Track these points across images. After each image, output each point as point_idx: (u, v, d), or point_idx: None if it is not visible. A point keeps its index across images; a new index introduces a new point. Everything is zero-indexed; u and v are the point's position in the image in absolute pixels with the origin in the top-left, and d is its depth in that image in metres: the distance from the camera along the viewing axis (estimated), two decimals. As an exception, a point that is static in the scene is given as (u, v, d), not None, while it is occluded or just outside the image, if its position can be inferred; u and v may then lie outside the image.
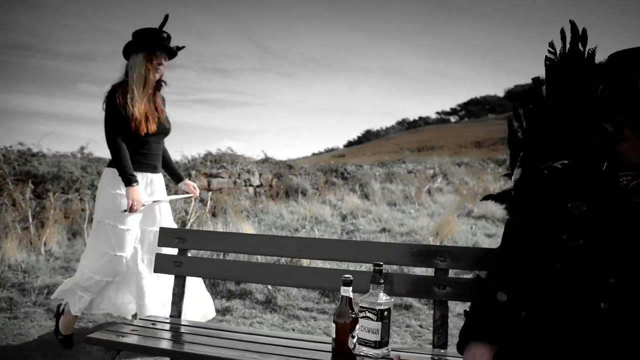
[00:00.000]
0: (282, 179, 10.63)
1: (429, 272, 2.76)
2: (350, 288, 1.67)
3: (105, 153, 10.55)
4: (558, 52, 1.75)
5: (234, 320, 3.58)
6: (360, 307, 1.76)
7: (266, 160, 11.76)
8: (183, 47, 2.99)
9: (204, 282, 2.94)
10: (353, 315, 1.65)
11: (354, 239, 6.43)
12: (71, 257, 5.27)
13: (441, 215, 7.86)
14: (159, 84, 2.97)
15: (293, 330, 3.40)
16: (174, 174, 3.30)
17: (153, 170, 3.01)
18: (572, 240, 1.35)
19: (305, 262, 4.14)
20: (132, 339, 1.90)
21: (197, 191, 3.30)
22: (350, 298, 1.67)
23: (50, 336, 3.22)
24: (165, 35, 2.90)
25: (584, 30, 1.71)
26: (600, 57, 1.66)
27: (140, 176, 2.89)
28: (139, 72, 2.83)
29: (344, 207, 9.02)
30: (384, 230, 6.92)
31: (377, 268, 1.78)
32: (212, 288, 4.09)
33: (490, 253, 1.94)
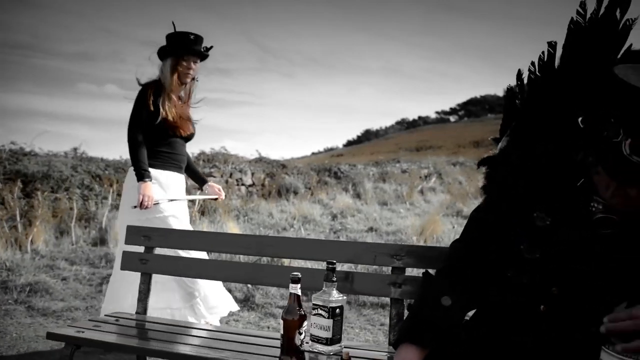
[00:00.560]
0: (274, 179, 10.67)
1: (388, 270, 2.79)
2: (299, 285, 1.69)
3: (98, 153, 10.60)
4: (588, 16, 1.41)
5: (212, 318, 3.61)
6: (313, 304, 1.79)
7: (260, 160, 11.81)
8: (211, 47, 3.02)
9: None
10: (301, 313, 1.68)
11: (333, 239, 6.47)
12: (57, 255, 5.31)
13: (431, 214, 7.90)
14: (191, 84, 3.03)
15: (268, 328, 3.44)
16: (198, 177, 3.29)
17: (177, 170, 3.03)
18: (529, 251, 1.31)
19: (287, 262, 4.18)
20: (91, 335, 1.94)
21: (223, 194, 3.28)
22: (298, 295, 1.69)
23: (28, 333, 3.26)
24: (192, 37, 2.92)
25: None
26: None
27: (162, 174, 2.92)
28: (169, 77, 2.89)
29: (335, 206, 9.06)
30: (371, 229, 6.96)
31: (330, 266, 1.81)
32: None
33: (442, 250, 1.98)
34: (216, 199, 3.25)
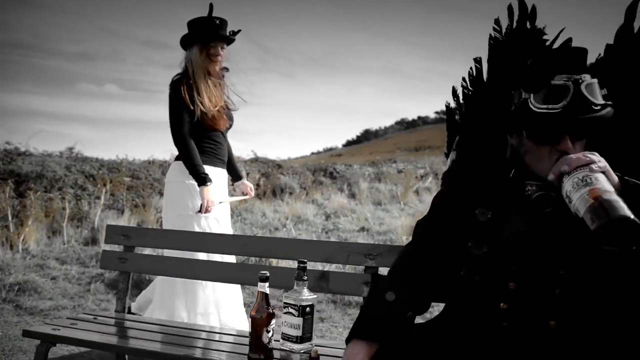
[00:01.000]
0: (269, 178, 10.69)
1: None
2: (267, 284, 1.72)
3: (95, 153, 10.62)
4: (504, 31, 1.60)
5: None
6: (284, 303, 1.82)
7: (256, 160, 11.83)
8: (239, 30, 2.86)
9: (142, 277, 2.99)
10: (269, 311, 1.71)
11: (324, 239, 6.50)
12: (48, 255, 5.33)
13: (423, 214, 7.90)
14: (221, 73, 2.87)
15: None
16: (235, 171, 3.13)
17: (222, 165, 2.91)
18: (476, 247, 1.36)
19: (275, 261, 4.20)
20: (67, 332, 1.96)
21: (253, 192, 3.20)
22: (266, 294, 1.72)
23: (14, 332, 3.29)
24: (217, 22, 2.75)
25: (534, 7, 1.57)
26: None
27: (211, 171, 2.77)
28: (198, 66, 2.73)
29: (330, 206, 9.08)
30: (362, 229, 6.99)
31: (301, 265, 1.83)
32: (180, 285, 4.16)
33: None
34: (247, 198, 3.16)
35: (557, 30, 1.50)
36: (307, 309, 1.80)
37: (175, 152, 2.87)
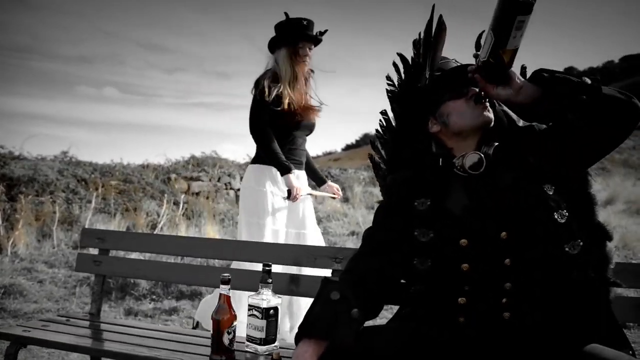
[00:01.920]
0: (263, 183, 10.72)
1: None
2: (228, 286, 1.75)
3: (88, 156, 10.66)
4: (396, 83, 1.75)
5: (179, 320, 3.68)
6: (249, 305, 1.85)
7: (251, 164, 11.86)
8: (326, 31, 2.86)
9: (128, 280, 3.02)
10: (230, 313, 1.74)
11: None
12: (37, 258, 5.37)
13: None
14: (308, 74, 2.86)
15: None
16: (317, 176, 3.13)
17: (299, 166, 2.91)
18: (423, 235, 1.43)
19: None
20: (37, 334, 1.99)
21: (340, 193, 3.19)
22: (228, 296, 1.76)
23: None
24: (305, 22, 2.76)
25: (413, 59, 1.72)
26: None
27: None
28: (286, 68, 2.74)
29: (323, 210, 9.11)
30: (353, 233, 7.02)
31: (266, 268, 1.86)
32: (164, 289, 4.19)
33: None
34: (334, 197, 3.17)
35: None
36: (271, 311, 1.83)
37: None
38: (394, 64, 1.69)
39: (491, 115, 1.44)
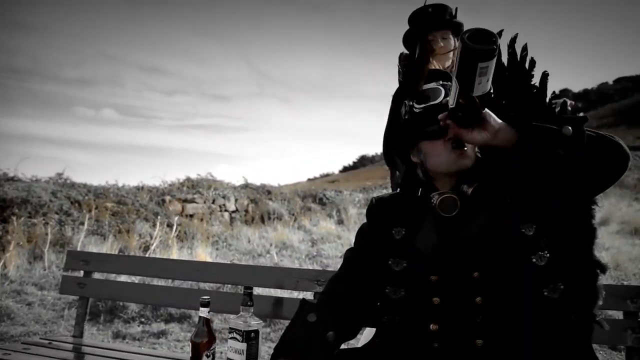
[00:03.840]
0: (258, 205, 10.73)
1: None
2: (207, 309, 1.76)
3: (84, 178, 10.65)
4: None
5: (167, 343, 3.65)
6: (229, 328, 1.85)
7: (246, 186, 11.88)
8: (455, 9, 2.39)
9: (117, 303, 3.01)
10: (209, 335, 1.74)
11: (308, 265, 6.51)
12: (27, 280, 5.34)
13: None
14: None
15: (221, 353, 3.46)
16: None
17: None
18: (396, 264, 1.43)
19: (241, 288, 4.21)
20: (17, 357, 1.98)
21: None
22: (207, 319, 1.76)
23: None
24: (431, 9, 2.36)
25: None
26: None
27: None
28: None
29: (317, 232, 9.11)
30: (346, 255, 7.00)
31: (247, 291, 1.87)
32: (153, 311, 4.17)
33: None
34: None
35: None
36: (252, 334, 1.83)
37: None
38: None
39: (468, 161, 1.39)
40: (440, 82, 1.43)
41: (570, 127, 1.21)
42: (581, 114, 1.31)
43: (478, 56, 1.12)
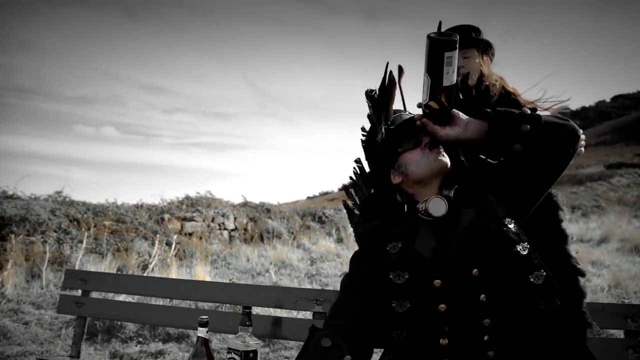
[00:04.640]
0: (257, 223, 10.71)
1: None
2: (206, 329, 1.74)
3: (83, 196, 10.65)
4: (367, 134, 1.79)
5: (165, 363, 3.62)
6: (228, 348, 1.84)
7: (245, 205, 11.87)
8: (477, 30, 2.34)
9: (114, 323, 2.98)
10: (208, 356, 1.73)
11: (307, 283, 6.48)
12: (24, 299, 5.30)
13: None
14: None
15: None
16: None
17: None
18: (398, 277, 1.45)
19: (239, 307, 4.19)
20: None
21: None
22: (205, 339, 1.74)
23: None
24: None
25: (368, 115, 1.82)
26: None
27: None
28: None
29: (316, 251, 9.08)
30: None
31: (245, 311, 1.86)
32: (151, 331, 4.13)
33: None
34: None
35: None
36: (251, 354, 1.81)
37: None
38: (368, 116, 1.75)
39: (446, 159, 1.49)
40: (407, 112, 1.58)
41: (528, 126, 1.36)
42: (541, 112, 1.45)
43: (443, 46, 1.30)
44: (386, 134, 1.54)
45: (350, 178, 1.87)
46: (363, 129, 1.77)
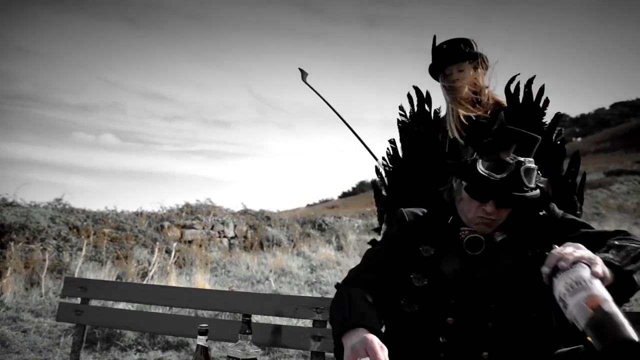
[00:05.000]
0: (257, 231, 10.70)
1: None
2: (205, 337, 1.74)
3: (83, 203, 10.66)
4: (408, 114, 1.92)
5: (164, 372, 3.60)
6: (227, 356, 1.83)
7: (245, 212, 11.86)
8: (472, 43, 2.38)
9: (114, 331, 2.97)
10: (207, 364, 1.72)
11: (307, 291, 6.46)
12: (23, 307, 5.28)
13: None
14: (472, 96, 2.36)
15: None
16: None
17: None
18: (418, 280, 1.50)
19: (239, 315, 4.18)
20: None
21: None
22: (205, 347, 1.73)
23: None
24: (445, 46, 2.39)
25: (428, 93, 1.91)
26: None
27: None
28: (447, 97, 2.35)
29: (316, 258, 9.06)
30: (345, 282, 6.96)
31: (245, 319, 1.85)
32: (150, 339, 4.12)
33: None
34: None
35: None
36: (250, 362, 1.81)
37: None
38: (408, 95, 1.80)
39: (488, 230, 1.50)
40: (515, 157, 1.47)
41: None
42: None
43: None
44: (471, 166, 1.48)
45: (383, 158, 1.89)
46: (401, 107, 1.81)
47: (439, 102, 1.91)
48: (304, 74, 2.75)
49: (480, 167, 1.47)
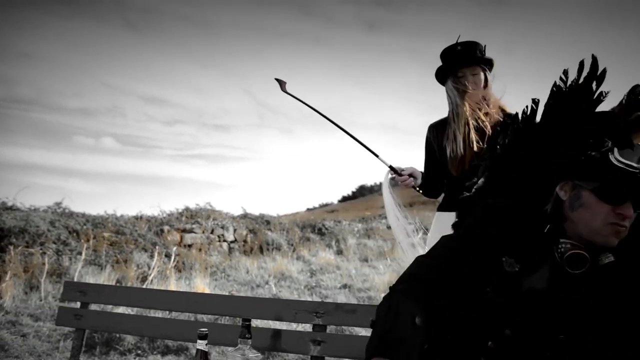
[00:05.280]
0: (257, 235, 10.69)
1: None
2: (205, 341, 1.73)
3: (83, 207, 10.67)
4: (569, 83, 1.51)
5: (163, 376, 3.59)
6: (227, 361, 1.83)
7: (245, 216, 11.86)
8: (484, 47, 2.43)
9: (113, 335, 2.97)
10: (206, 368, 1.72)
11: (307, 295, 6.45)
12: (23, 311, 5.27)
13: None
14: (482, 103, 2.43)
15: (218, 386, 3.41)
16: None
17: None
18: (495, 294, 1.31)
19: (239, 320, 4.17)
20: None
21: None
22: (204, 351, 1.73)
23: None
24: (460, 47, 2.43)
25: (604, 71, 1.47)
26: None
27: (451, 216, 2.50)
28: (450, 102, 2.45)
29: (316, 262, 9.06)
30: (345, 286, 6.95)
31: (245, 323, 1.85)
32: (150, 343, 4.11)
33: (360, 308, 2.04)
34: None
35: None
36: (250, 367, 1.81)
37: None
38: (581, 63, 1.44)
39: (616, 242, 1.25)
40: None
41: None
42: None
43: None
44: (602, 158, 1.23)
45: (518, 114, 1.55)
46: (565, 72, 1.45)
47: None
48: (282, 84, 2.75)
49: (617, 157, 1.20)
